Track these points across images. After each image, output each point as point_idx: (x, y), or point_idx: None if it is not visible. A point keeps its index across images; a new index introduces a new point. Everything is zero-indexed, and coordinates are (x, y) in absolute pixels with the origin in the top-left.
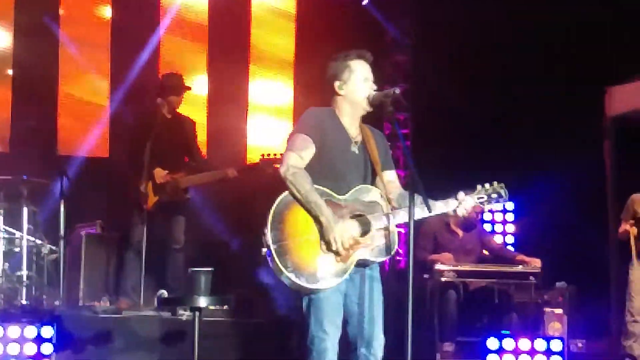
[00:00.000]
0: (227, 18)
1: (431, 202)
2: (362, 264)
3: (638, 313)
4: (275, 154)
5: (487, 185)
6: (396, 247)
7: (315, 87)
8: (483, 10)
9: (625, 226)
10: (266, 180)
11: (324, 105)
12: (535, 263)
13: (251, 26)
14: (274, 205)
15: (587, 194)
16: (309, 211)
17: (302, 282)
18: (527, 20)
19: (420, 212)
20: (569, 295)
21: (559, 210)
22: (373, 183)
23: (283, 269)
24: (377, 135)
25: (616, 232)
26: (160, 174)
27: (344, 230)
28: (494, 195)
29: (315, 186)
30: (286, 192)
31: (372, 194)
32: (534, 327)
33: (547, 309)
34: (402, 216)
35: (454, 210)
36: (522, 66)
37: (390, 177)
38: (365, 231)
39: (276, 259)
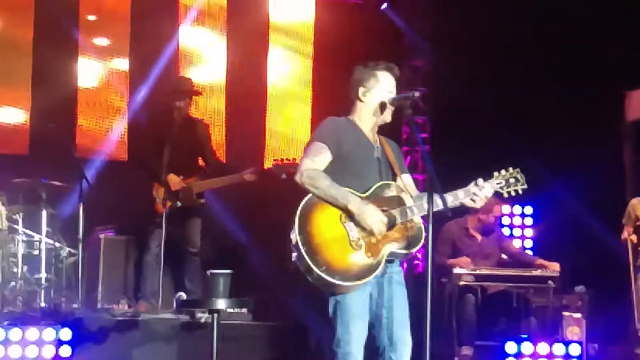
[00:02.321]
0: (245, 21)
1: (452, 193)
2: (391, 259)
3: None
4: (287, 159)
5: (503, 171)
6: (423, 238)
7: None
8: (502, 12)
9: (625, 233)
10: (282, 184)
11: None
12: (555, 267)
13: (269, 31)
14: (299, 208)
15: (606, 197)
16: (335, 204)
17: (336, 280)
18: (547, 23)
19: (440, 204)
20: (588, 300)
21: (577, 214)
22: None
23: (315, 269)
24: (391, 143)
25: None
26: (174, 180)
27: (376, 211)
28: (512, 180)
29: (348, 189)
30: (309, 195)
31: (393, 189)
32: (552, 331)
33: (566, 313)
34: (424, 208)
35: (473, 199)
36: (541, 69)
37: (407, 180)
38: (391, 225)
39: (307, 260)
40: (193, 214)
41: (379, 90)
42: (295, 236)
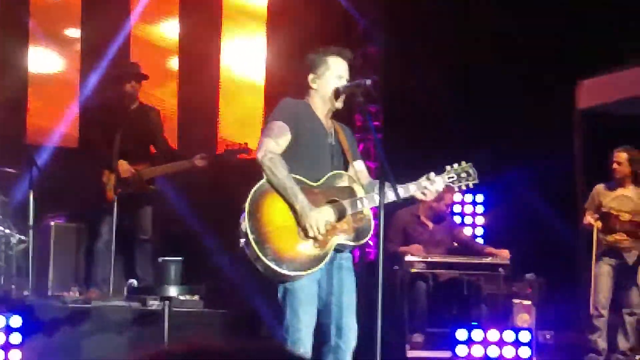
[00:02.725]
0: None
1: (403, 186)
2: (340, 249)
3: (603, 307)
4: (239, 144)
5: (455, 165)
6: (372, 230)
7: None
8: (455, 1)
9: (589, 218)
10: (234, 170)
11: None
12: (504, 254)
13: (222, 15)
14: (250, 194)
15: (556, 186)
16: (284, 198)
17: (283, 270)
18: (501, 11)
19: (391, 196)
20: (538, 287)
21: (528, 203)
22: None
23: (263, 258)
24: (345, 129)
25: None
26: (123, 167)
27: (320, 216)
28: (463, 175)
29: (298, 184)
30: (261, 182)
31: (345, 179)
32: (502, 319)
33: (516, 301)
34: (375, 200)
35: (424, 193)
36: (493, 58)
37: (359, 166)
38: (341, 216)
39: (255, 248)
40: (144, 201)
41: (330, 76)
42: (244, 223)
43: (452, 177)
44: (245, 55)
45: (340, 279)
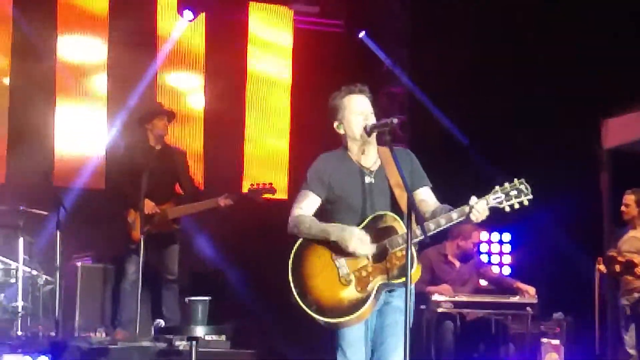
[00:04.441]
0: (225, 48)
1: (444, 215)
2: (388, 291)
3: (630, 347)
4: (264, 184)
5: (505, 184)
6: (415, 265)
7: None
8: (479, 39)
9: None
10: (259, 209)
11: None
12: (530, 291)
13: (247, 59)
14: (293, 250)
15: (584, 225)
16: (322, 242)
17: (327, 318)
18: (525, 48)
19: (418, 233)
20: (566, 326)
21: (556, 241)
22: (396, 207)
23: (308, 310)
24: (401, 154)
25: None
26: (148, 205)
27: (355, 229)
28: (513, 193)
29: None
30: (300, 239)
31: (387, 219)
32: (530, 358)
33: (544, 340)
34: (417, 233)
35: (468, 217)
36: (519, 97)
37: (421, 195)
38: (382, 256)
39: (299, 301)
40: (170, 241)
41: (350, 114)
42: (290, 278)
43: (499, 198)
44: (270, 98)
45: (390, 319)
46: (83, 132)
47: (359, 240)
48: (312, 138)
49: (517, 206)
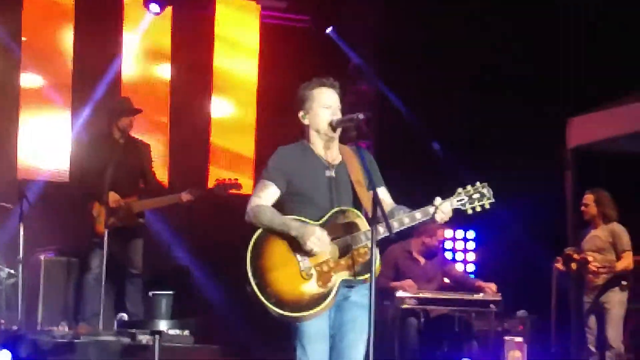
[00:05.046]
0: (190, 41)
1: (408, 214)
2: (351, 285)
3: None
4: (230, 179)
5: (468, 187)
6: (378, 263)
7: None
8: (447, 38)
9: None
10: (224, 204)
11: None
12: (492, 288)
13: (214, 53)
14: (250, 243)
15: (547, 223)
16: (281, 235)
17: (287, 312)
18: (491, 49)
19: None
20: (529, 324)
21: (520, 240)
22: (357, 202)
23: (266, 302)
24: (364, 156)
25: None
26: (113, 198)
27: (316, 228)
28: (476, 196)
29: (293, 216)
30: (259, 230)
31: (349, 214)
32: (494, 355)
33: (508, 338)
34: (379, 231)
35: (432, 217)
36: (484, 96)
37: (380, 195)
38: (344, 252)
39: (258, 294)
40: (134, 235)
41: (317, 107)
42: (247, 270)
43: (462, 200)
44: (236, 93)
45: (349, 315)
46: (47, 125)
47: (317, 240)
48: (278, 135)
49: (479, 209)
